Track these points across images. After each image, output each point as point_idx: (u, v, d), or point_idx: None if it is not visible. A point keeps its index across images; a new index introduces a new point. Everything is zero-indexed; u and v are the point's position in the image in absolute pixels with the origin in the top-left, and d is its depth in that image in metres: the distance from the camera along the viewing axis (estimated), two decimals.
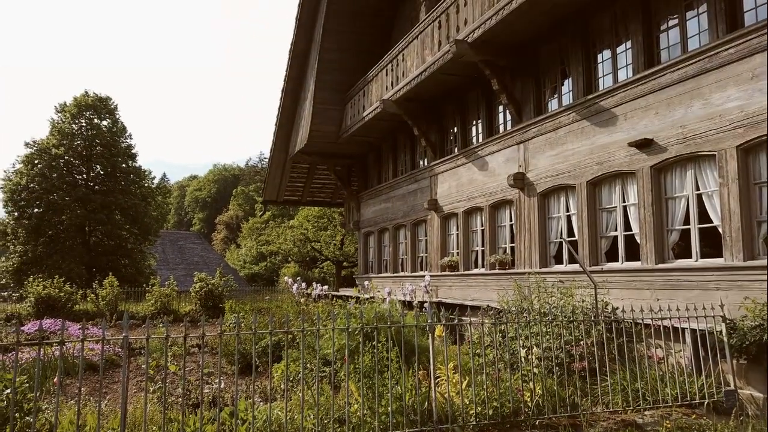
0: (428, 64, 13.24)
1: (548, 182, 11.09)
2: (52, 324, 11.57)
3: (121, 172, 31.66)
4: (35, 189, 29.28)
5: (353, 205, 21.49)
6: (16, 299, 20.32)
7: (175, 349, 9.38)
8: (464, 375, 5.94)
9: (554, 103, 11.65)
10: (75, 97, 31.65)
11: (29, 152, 30.02)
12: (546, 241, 11.30)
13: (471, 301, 11.81)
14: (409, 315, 7.45)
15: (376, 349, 5.53)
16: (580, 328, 6.63)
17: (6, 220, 29.93)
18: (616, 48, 10.21)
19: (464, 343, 8.55)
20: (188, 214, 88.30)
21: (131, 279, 27.95)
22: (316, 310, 10.10)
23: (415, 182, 16.72)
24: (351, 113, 18.09)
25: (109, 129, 31.97)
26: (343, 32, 17.94)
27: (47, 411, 5.44)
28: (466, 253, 14.01)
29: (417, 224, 16.80)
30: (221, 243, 70.99)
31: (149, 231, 32.29)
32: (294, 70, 19.91)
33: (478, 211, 13.58)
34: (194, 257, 45.04)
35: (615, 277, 9.24)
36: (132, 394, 7.28)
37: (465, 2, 11.71)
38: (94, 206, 29.58)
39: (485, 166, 13.13)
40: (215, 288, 18.61)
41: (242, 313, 13.46)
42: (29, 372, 6.59)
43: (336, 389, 6.08)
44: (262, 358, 8.71)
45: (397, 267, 18.18)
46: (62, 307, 16.72)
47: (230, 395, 6.83)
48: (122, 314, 15.72)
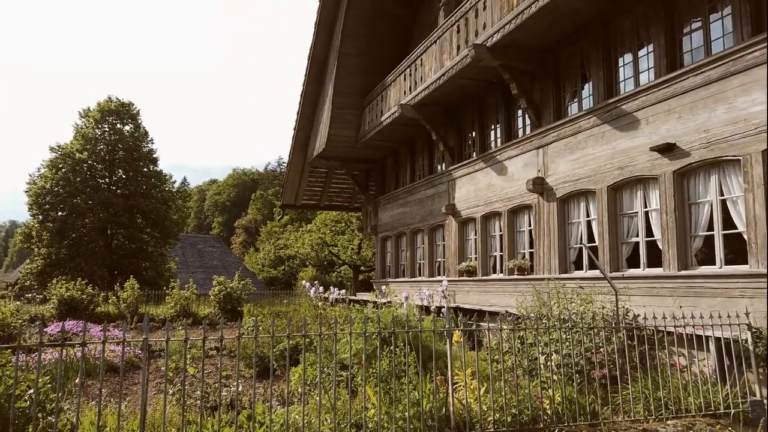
0: (447, 69, 13.22)
1: (568, 187, 10.97)
2: (74, 326, 11.74)
3: (143, 176, 32.14)
4: (59, 193, 29.85)
5: (371, 209, 21.51)
6: (40, 301, 20.69)
7: (194, 351, 9.47)
8: (482, 381, 5.89)
9: (574, 108, 11.54)
10: (98, 102, 32.27)
11: (54, 157, 30.63)
12: (566, 247, 11.17)
13: (489, 307, 11.73)
14: (427, 320, 7.42)
15: (393, 353, 5.51)
16: (601, 335, 6.53)
17: (31, 223, 30.56)
18: (637, 51, 10.08)
19: (482, 349, 8.48)
20: (208, 218, 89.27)
21: (152, 282, 28.29)
22: (334, 314, 10.10)
23: (432, 187, 16.68)
24: (369, 118, 18.13)
25: (131, 134, 32.51)
26: (361, 37, 18.02)
27: (69, 411, 5.52)
28: (484, 258, 13.92)
29: (434, 229, 16.75)
30: (240, 247, 71.61)
31: (170, 234, 32.69)
32: (312, 75, 20.04)
33: (497, 216, 13.49)
34: (213, 261, 45.47)
35: (636, 284, 9.10)
36: (151, 396, 7.35)
37: (484, 6, 11.68)
38: (116, 210, 30.06)
39: (504, 170, 13.04)
40: (234, 291, 18.75)
41: (260, 317, 13.54)
42: (52, 373, 6.70)
43: (353, 394, 6.07)
44: (279, 361, 8.75)
45: (414, 272, 18.13)
46: (84, 309, 16.98)
47: (248, 398, 6.85)
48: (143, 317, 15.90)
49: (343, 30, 17.76)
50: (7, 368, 4.23)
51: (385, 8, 18.01)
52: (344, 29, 17.75)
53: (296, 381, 7.39)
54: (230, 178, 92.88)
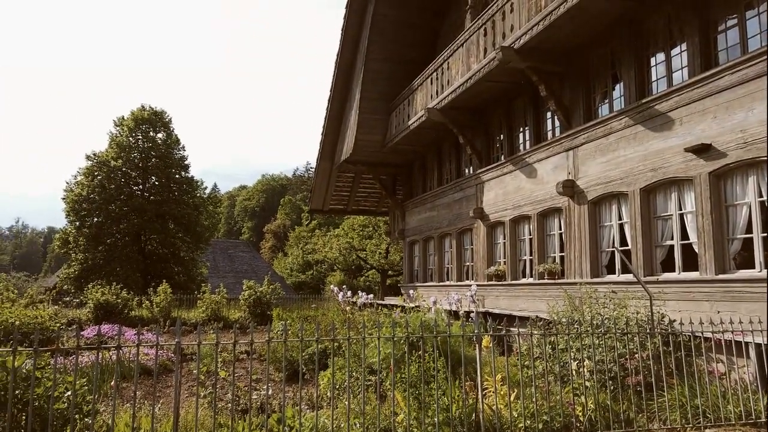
0: (474, 72, 13.15)
1: (599, 190, 10.78)
2: (109, 329, 12.02)
3: (175, 182, 32.82)
4: (95, 200, 30.69)
5: (398, 213, 21.51)
6: (77, 305, 21.27)
7: (224, 355, 9.59)
8: (512, 387, 5.81)
9: (605, 109, 11.35)
10: (132, 111, 33.13)
11: (89, 164, 31.52)
12: (597, 251, 10.97)
13: (519, 312, 11.58)
14: (455, 325, 7.36)
15: (422, 359, 5.48)
16: (635, 341, 6.37)
17: (68, 229, 31.48)
18: (670, 50, 9.86)
19: (512, 355, 8.37)
20: (238, 223, 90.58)
21: (184, 286, 28.81)
22: (362, 319, 10.11)
23: (460, 190, 16.58)
24: (396, 122, 18.15)
25: (164, 141, 33.25)
26: (388, 42, 18.08)
27: (104, 413, 5.64)
28: (514, 262, 13.76)
29: (462, 233, 16.64)
30: (269, 251, 72.40)
31: (201, 239, 33.27)
32: (339, 80, 20.18)
33: (526, 219, 13.33)
34: (243, 265, 46.07)
35: (671, 288, 8.87)
36: (184, 399, 7.47)
37: (511, 9, 11.59)
38: (150, 216, 30.74)
39: (533, 173, 12.89)
40: (263, 296, 18.96)
41: (289, 321, 13.64)
42: (88, 375, 6.87)
43: (382, 398, 6.06)
44: (308, 365, 8.79)
45: (442, 276, 18.04)
46: (119, 312, 17.39)
47: (278, 402, 6.91)
48: (175, 320, 16.21)
49: (369, 35, 17.85)
50: (46, 370, 4.35)
51: (411, 13, 18.04)
52: (371, 34, 17.84)
53: (325, 385, 7.42)
54: (259, 184, 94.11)
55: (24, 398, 4.01)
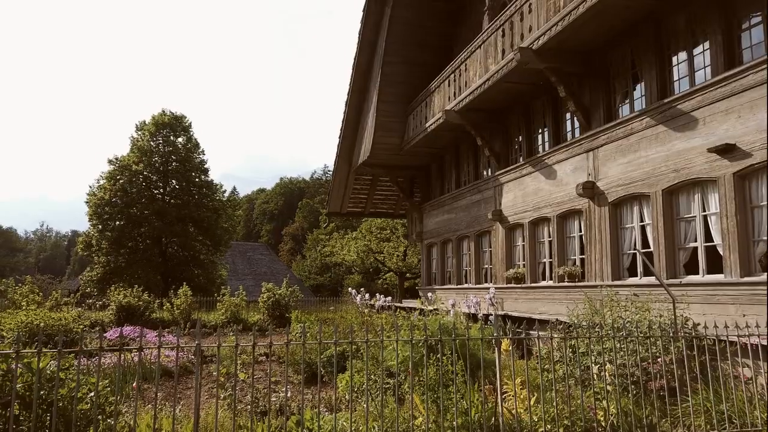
0: (492, 73, 13.08)
1: (620, 191, 10.63)
2: (131, 331, 12.19)
3: (195, 186, 33.22)
4: (117, 203, 31.20)
5: (416, 216, 21.47)
6: (100, 307, 21.61)
7: (244, 357, 9.66)
8: (532, 391, 5.74)
9: (625, 109, 11.20)
10: (153, 115, 33.64)
11: (112, 169, 32.05)
12: (618, 253, 10.82)
13: (539, 315, 11.47)
14: (474, 328, 7.31)
15: (440, 362, 5.45)
16: (658, 345, 6.26)
17: (91, 232, 32.03)
18: (692, 49, 9.70)
19: (532, 358, 8.29)
20: (256, 226, 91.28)
21: (203, 288, 29.13)
22: (380, 321, 10.11)
23: (478, 192, 16.50)
24: (413, 124, 18.14)
25: (184, 145, 33.69)
26: (405, 45, 18.08)
27: (126, 414, 5.71)
28: (533, 264, 13.63)
29: (481, 235, 16.55)
30: (287, 254, 72.83)
31: (220, 242, 33.60)
32: (357, 83, 20.23)
33: (545, 221, 13.21)
34: (262, 268, 46.42)
35: (695, 291, 8.70)
36: (204, 401, 7.53)
37: (529, 9, 11.51)
38: (170, 219, 31.15)
39: (552, 175, 12.77)
40: (282, 298, 19.06)
41: (308, 323, 13.69)
42: (111, 376, 6.97)
43: (400, 401, 6.04)
44: (327, 368, 8.80)
45: (460, 279, 17.96)
46: (140, 315, 17.63)
47: (296, 404, 6.93)
48: (195, 322, 16.37)
49: (386, 38, 17.88)
50: (70, 371, 4.42)
51: (428, 16, 18.03)
52: (388, 37, 17.86)
53: (343, 388, 7.42)
54: (278, 187, 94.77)
55: (48, 399, 4.08)
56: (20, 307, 16.35)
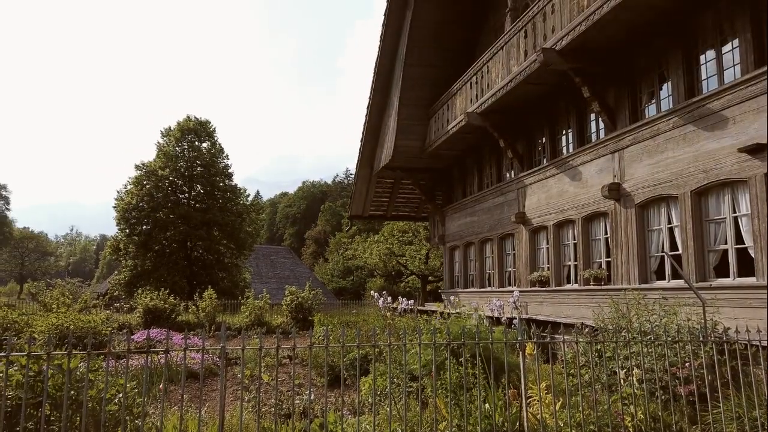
0: (514, 75, 12.98)
1: (647, 192, 10.44)
2: (157, 333, 12.38)
3: (219, 190, 33.63)
4: (144, 208, 31.75)
5: (438, 219, 21.40)
6: (127, 310, 21.99)
7: (267, 359, 9.73)
8: (558, 396, 5.66)
9: (652, 109, 11.01)
10: (178, 121, 34.19)
11: (139, 174, 32.64)
12: (646, 256, 10.62)
13: (563, 319, 11.32)
14: (498, 331, 7.24)
15: (463, 366, 5.41)
16: (687, 349, 6.12)
17: (119, 236, 32.65)
18: (720, 47, 9.49)
19: (556, 363, 8.18)
20: (279, 230, 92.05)
21: (228, 292, 29.43)
22: (402, 325, 10.08)
23: (501, 195, 16.37)
24: (435, 127, 18.10)
25: (208, 150, 34.14)
26: (426, 48, 18.06)
27: (153, 415, 5.80)
28: (557, 267, 13.47)
29: (504, 238, 16.41)
30: (310, 257, 73.27)
31: (244, 246, 33.94)
32: (378, 87, 20.28)
33: (570, 223, 13.04)
34: (285, 271, 46.74)
35: (726, 295, 8.49)
36: (228, 403, 7.61)
37: (552, 10, 11.40)
38: (195, 223, 31.57)
39: (577, 176, 12.61)
40: (305, 301, 19.16)
41: (330, 326, 13.73)
42: (138, 378, 7.08)
43: (423, 405, 6.01)
44: (349, 371, 8.82)
45: (483, 282, 17.83)
46: (167, 317, 17.89)
47: (320, 407, 6.95)
48: (220, 325, 16.55)
49: (408, 41, 17.88)
50: (99, 373, 4.51)
51: (449, 18, 17.98)
52: (409, 40, 17.87)
53: (366, 391, 7.42)
54: (300, 191, 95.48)
55: (78, 399, 4.16)
56: (51, 310, 16.73)
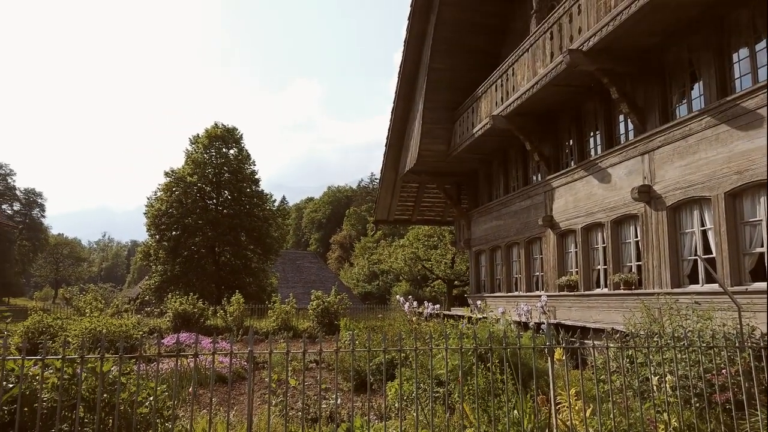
0: (540, 77, 12.85)
1: (678, 195, 10.20)
2: (187, 337, 12.56)
3: (246, 196, 34.08)
4: (173, 214, 32.36)
5: (463, 223, 21.28)
6: (157, 314, 22.38)
7: (294, 364, 9.79)
8: (588, 402, 5.55)
9: (683, 109, 10.77)
10: (206, 128, 34.79)
11: (168, 181, 33.28)
12: (678, 259, 10.37)
13: (593, 324, 11.11)
14: (525, 336, 7.15)
15: (490, 371, 5.35)
16: (722, 355, 5.94)
17: (149, 242, 33.33)
18: (754, 45, 9.23)
19: (586, 369, 8.03)
20: (305, 235, 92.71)
21: (255, 296, 29.76)
22: (428, 330, 10.03)
23: (528, 198, 16.19)
24: (460, 131, 18.02)
25: (236, 157, 34.64)
26: (451, 51, 18.01)
27: (183, 418, 5.88)
28: (586, 272, 13.24)
29: (531, 242, 16.22)
30: (335, 262, 73.58)
31: (271, 251, 34.29)
32: (403, 91, 20.29)
33: (599, 227, 12.82)
34: (311, 276, 47.02)
35: (762, 299, 8.22)
36: (256, 406, 7.67)
37: (579, 11, 11.26)
38: (223, 228, 32.03)
39: (605, 179, 12.40)
40: (331, 306, 19.24)
41: (356, 331, 13.75)
42: (168, 381, 7.20)
43: (450, 410, 5.96)
44: (375, 375, 8.80)
45: (510, 286, 17.64)
46: (196, 321, 18.17)
47: (346, 411, 6.95)
48: (248, 329, 16.73)
49: (432, 45, 17.86)
50: (130, 376, 4.60)
51: (474, 21, 17.90)
52: (434, 44, 17.84)
53: (393, 396, 7.39)
54: (325, 196, 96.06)
55: (111, 402, 4.25)
56: (84, 314, 17.14)
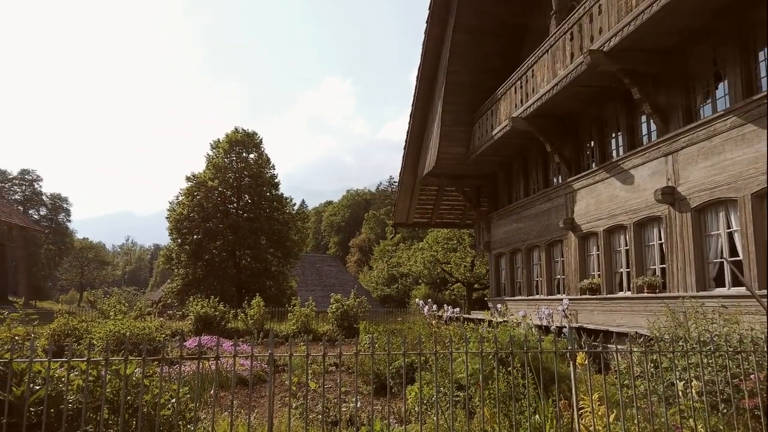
0: (560, 78, 12.73)
1: (703, 196, 10.01)
2: (208, 340, 12.68)
3: (266, 200, 34.34)
4: (194, 218, 32.75)
5: (483, 225, 21.15)
6: (180, 317, 22.65)
7: (314, 367, 9.81)
8: (611, 408, 5.46)
9: (707, 110, 10.57)
10: (226, 133, 35.16)
11: (189, 185, 33.70)
12: (703, 262, 10.16)
13: (616, 327, 10.95)
14: (547, 340, 7.07)
15: (512, 375, 5.30)
16: (750, 360, 5.79)
17: (171, 246, 33.77)
18: None
19: (609, 373, 7.91)
20: (324, 238, 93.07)
21: (275, 299, 29.92)
22: (448, 333, 9.98)
23: (548, 201, 16.04)
24: (479, 133, 17.93)
25: (255, 161, 34.95)
26: (469, 53, 17.95)
27: (204, 420, 5.93)
28: (609, 275, 13.06)
29: (552, 245, 16.05)
30: (355, 265, 73.70)
31: (290, 254, 34.48)
32: (421, 94, 20.27)
33: (621, 229, 12.63)
34: (330, 279, 47.14)
35: None
36: (277, 409, 7.70)
37: (599, 11, 11.14)
38: (243, 232, 32.31)
39: (628, 180, 12.22)
40: (350, 309, 19.26)
41: (376, 334, 13.74)
42: (190, 384, 7.27)
43: (471, 415, 5.92)
44: (395, 379, 8.78)
45: (531, 289, 17.47)
46: (217, 324, 18.34)
47: (366, 415, 6.94)
48: (268, 332, 16.83)
49: (450, 47, 17.82)
50: (153, 378, 4.65)
51: (493, 23, 17.83)
52: (452, 46, 17.80)
53: (413, 399, 7.37)
54: (344, 200, 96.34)
55: (134, 404, 4.30)
56: (108, 317, 17.41)
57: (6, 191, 64.87)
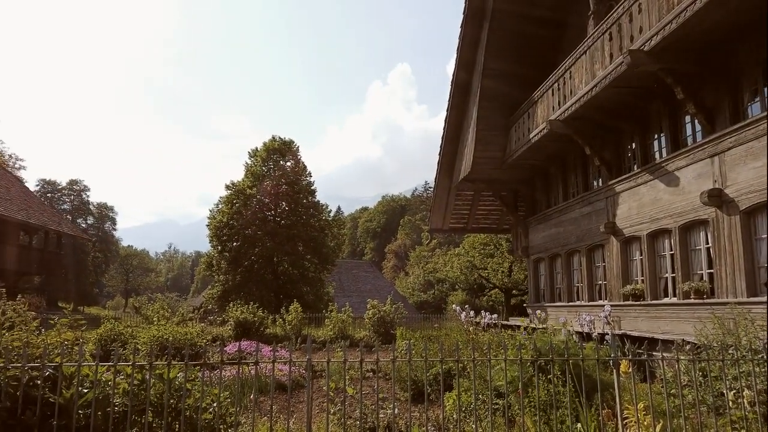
0: (599, 79, 12.47)
1: (753, 198, 9.61)
2: (247, 345, 12.87)
3: (303, 207, 34.74)
4: (234, 225, 33.38)
5: (521, 230, 20.84)
6: (220, 323, 23.05)
7: (351, 372, 9.83)
8: (657, 418, 5.28)
9: (755, 108, 10.16)
10: (264, 142, 35.80)
11: (229, 193, 34.40)
12: (754, 266, 9.75)
13: (661, 335, 10.61)
14: (588, 347, 6.89)
15: (552, 383, 5.19)
16: None
17: (212, 253, 34.49)
18: None
19: (655, 382, 7.65)
20: (360, 244, 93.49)
21: (312, 305, 30.16)
22: (486, 339, 9.85)
23: (588, 204, 15.69)
24: (515, 137, 17.72)
25: (292, 169, 35.43)
26: (504, 57, 17.77)
27: (245, 425, 6.01)
28: (653, 280, 12.66)
29: (592, 249, 15.69)
30: (391, 271, 73.71)
31: (327, 260, 34.74)
32: (456, 98, 20.17)
33: (665, 233, 12.25)
34: (367, 285, 47.29)
35: None
36: (315, 415, 7.74)
37: (639, 10, 10.87)
38: (281, 239, 32.75)
39: (672, 182, 11.85)
40: (387, 315, 19.23)
41: (413, 340, 13.68)
42: (230, 388, 7.38)
43: (510, 423, 5.81)
44: (432, 385, 8.72)
45: (571, 295, 17.10)
46: (256, 330, 18.60)
47: (404, 422, 6.91)
48: (305, 338, 16.97)
49: (485, 51, 17.68)
50: (195, 382, 4.74)
51: (528, 25, 17.61)
52: (487, 50, 17.66)
53: (451, 407, 7.29)
54: (380, 205, 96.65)
55: (177, 407, 4.39)
56: (152, 323, 17.87)
57: (56, 201, 67.56)
